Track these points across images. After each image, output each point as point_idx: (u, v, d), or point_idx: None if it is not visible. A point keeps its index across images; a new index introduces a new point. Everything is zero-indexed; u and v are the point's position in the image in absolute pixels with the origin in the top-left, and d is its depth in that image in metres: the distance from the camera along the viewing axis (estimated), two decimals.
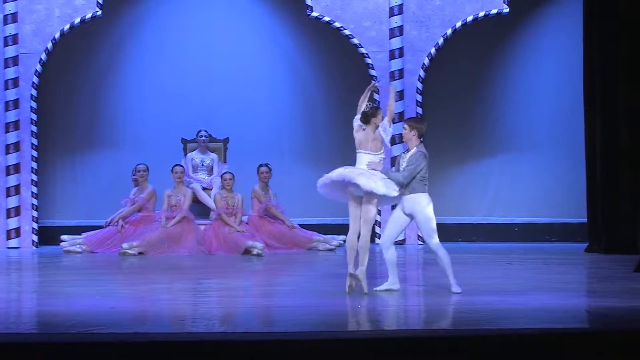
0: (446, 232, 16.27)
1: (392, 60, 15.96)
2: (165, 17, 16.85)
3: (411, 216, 10.28)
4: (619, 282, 10.89)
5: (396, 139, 15.93)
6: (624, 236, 13.80)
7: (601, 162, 14.19)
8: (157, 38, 16.84)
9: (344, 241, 15.57)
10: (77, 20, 15.89)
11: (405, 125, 10.49)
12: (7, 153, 15.88)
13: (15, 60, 15.86)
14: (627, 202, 13.86)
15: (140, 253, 14.76)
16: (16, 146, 15.90)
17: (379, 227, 15.60)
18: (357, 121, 10.47)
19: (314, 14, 15.95)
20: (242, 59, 16.80)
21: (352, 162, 16.49)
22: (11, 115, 15.87)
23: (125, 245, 14.78)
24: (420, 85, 15.97)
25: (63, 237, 15.45)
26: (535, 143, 16.70)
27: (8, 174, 15.89)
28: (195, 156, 16.11)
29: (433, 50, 15.97)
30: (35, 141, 15.98)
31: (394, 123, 15.62)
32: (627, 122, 13.96)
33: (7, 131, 15.87)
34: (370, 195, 10.16)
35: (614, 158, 14.09)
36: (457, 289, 10.10)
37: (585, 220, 14.89)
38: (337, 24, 15.97)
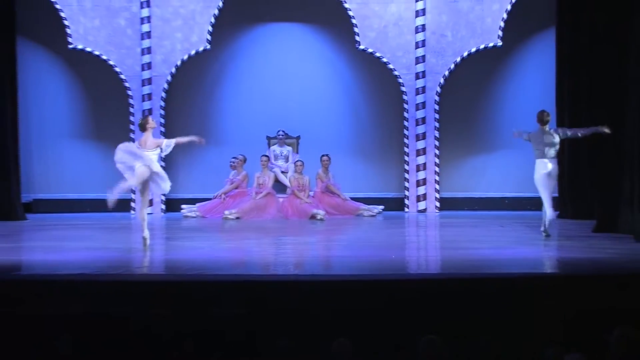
0: (456, 203, 16.24)
1: (417, 80, 15.83)
2: (256, 49, 16.81)
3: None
4: (581, 240, 10.75)
5: (420, 137, 15.88)
6: (583, 206, 13.62)
7: (567, 158, 13.95)
8: (249, 65, 16.80)
9: (383, 209, 15.61)
10: (193, 52, 15.95)
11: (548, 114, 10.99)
12: None
13: (149, 81, 15.95)
14: (585, 181, 13.67)
15: (237, 218, 14.81)
16: None
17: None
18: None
19: (361, 46, 15.87)
20: (309, 79, 16.74)
21: (387, 154, 16.56)
22: None
23: (226, 212, 14.85)
24: (437, 98, 15.84)
25: (183, 206, 15.55)
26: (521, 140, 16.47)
27: None
28: (276, 149, 16.13)
29: (447, 73, 15.81)
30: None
31: (417, 125, 15.75)
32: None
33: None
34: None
35: (576, 156, 13.87)
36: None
37: (557, 195, 14.67)
38: (377, 54, 15.87)
